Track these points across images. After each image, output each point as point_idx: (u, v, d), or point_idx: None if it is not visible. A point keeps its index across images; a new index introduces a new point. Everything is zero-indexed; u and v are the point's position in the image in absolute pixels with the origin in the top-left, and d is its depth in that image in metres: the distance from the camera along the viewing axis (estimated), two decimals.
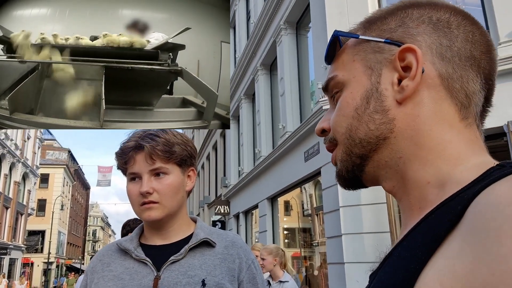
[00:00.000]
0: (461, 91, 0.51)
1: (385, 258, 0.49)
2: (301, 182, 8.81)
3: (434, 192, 0.48)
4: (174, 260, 1.09)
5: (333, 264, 6.80)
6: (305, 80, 9.16)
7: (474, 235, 0.35)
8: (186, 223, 1.20)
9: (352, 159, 0.55)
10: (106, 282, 1.09)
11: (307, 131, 7.79)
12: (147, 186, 1.10)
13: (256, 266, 1.18)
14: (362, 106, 0.54)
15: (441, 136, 0.50)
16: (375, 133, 0.53)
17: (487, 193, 0.38)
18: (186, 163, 1.18)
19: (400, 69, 0.52)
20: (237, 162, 14.02)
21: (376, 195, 5.98)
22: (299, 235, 10.38)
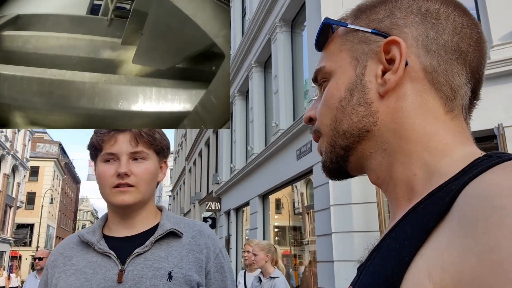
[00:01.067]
0: (446, 84, 0.51)
1: (374, 250, 0.49)
2: (292, 180, 8.82)
3: (421, 183, 0.47)
4: (139, 252, 1.05)
5: (323, 262, 6.82)
6: (299, 79, 9.17)
7: (462, 226, 0.35)
8: (153, 213, 1.17)
9: (336, 150, 0.55)
10: (68, 277, 1.04)
11: (299, 129, 7.80)
12: (125, 167, 1.06)
13: (224, 255, 1.16)
14: (346, 98, 0.54)
15: (425, 129, 0.50)
16: (358, 126, 0.53)
17: (475, 184, 0.38)
18: (163, 153, 1.16)
19: (384, 61, 0.52)
20: (229, 159, 14.01)
21: (367, 195, 6.00)
22: (290, 233, 10.39)
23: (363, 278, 0.47)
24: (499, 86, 4.94)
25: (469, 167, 0.43)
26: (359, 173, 0.58)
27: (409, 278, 0.38)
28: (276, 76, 9.53)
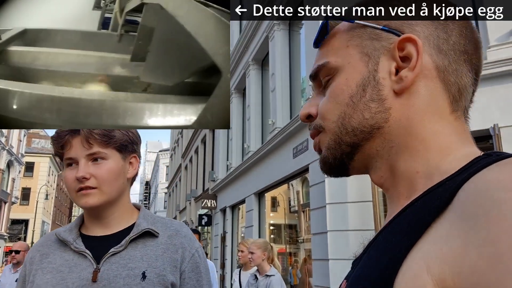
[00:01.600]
0: (455, 84, 0.51)
1: (369, 244, 0.49)
2: (288, 178, 8.84)
3: (422, 182, 0.48)
4: (114, 252, 1.06)
5: (318, 261, 6.85)
6: (296, 77, 9.17)
7: (462, 220, 0.35)
8: (128, 212, 1.16)
9: (342, 147, 0.54)
10: (44, 274, 1.05)
11: (296, 128, 7.81)
12: (83, 171, 1.05)
13: (200, 254, 1.15)
14: (358, 94, 0.53)
15: (432, 127, 0.50)
16: (370, 122, 0.52)
17: (475, 180, 0.39)
18: (127, 149, 1.13)
19: (398, 58, 0.52)
20: (225, 156, 14.00)
21: (362, 193, 6.04)
22: (285, 231, 10.42)
23: (358, 271, 0.47)
24: (495, 87, 4.96)
25: (469, 164, 0.43)
26: (360, 173, 0.57)
27: (405, 270, 0.38)
28: (273, 74, 9.53)
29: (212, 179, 14.92)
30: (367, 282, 0.43)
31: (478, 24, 5.60)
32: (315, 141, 0.59)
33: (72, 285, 1.02)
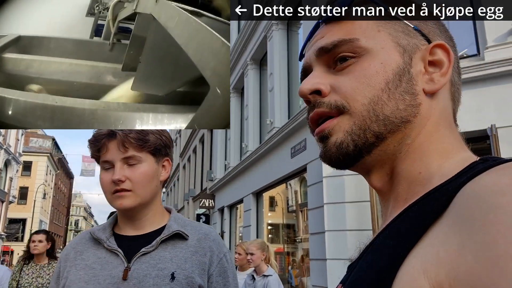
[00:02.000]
0: (457, 98, 0.56)
1: (366, 248, 0.49)
2: (286, 178, 8.84)
3: (423, 183, 0.48)
4: (145, 252, 1.09)
5: (315, 260, 6.86)
6: (294, 77, 9.17)
7: (459, 224, 0.36)
8: (160, 214, 1.19)
9: (367, 135, 0.50)
10: (77, 271, 1.09)
11: (294, 127, 7.81)
12: (119, 174, 1.09)
13: (228, 259, 1.17)
14: (394, 82, 0.50)
15: (443, 131, 0.52)
16: (402, 114, 0.50)
17: (473, 184, 0.39)
18: (160, 152, 1.17)
19: (427, 61, 0.53)
20: (223, 156, 14.00)
21: (360, 193, 6.04)
22: (283, 231, 10.43)
23: (354, 275, 0.47)
24: (492, 87, 4.98)
25: (466, 169, 0.44)
26: (362, 171, 0.54)
27: (402, 274, 0.38)
28: (271, 74, 9.52)
29: (210, 179, 14.91)
30: (364, 286, 0.43)
31: (476, 24, 5.60)
32: (328, 124, 0.52)
33: (103, 282, 1.05)
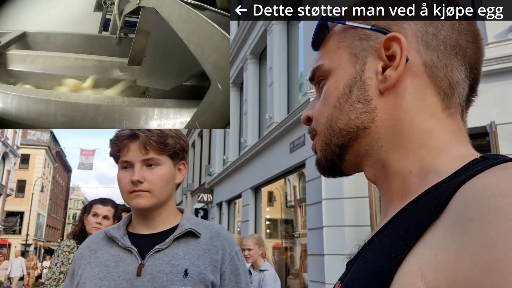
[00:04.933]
0: (445, 80, 0.51)
1: (365, 246, 0.49)
2: (285, 173, 8.85)
3: (416, 181, 0.47)
4: (158, 249, 1.11)
5: (313, 256, 6.88)
6: (294, 71, 9.15)
7: (457, 226, 0.35)
8: (173, 214, 1.22)
9: (331, 148, 0.55)
10: (92, 268, 1.12)
11: (293, 123, 7.80)
12: (138, 175, 1.11)
13: (240, 257, 1.20)
14: (344, 95, 0.53)
15: (423, 126, 0.50)
16: (356, 123, 0.52)
17: (471, 184, 0.38)
18: (178, 156, 1.20)
19: (385, 57, 0.51)
20: (222, 150, 14.00)
21: (359, 189, 6.05)
22: (281, 226, 10.46)
23: (352, 274, 0.46)
24: (493, 84, 4.97)
25: (466, 167, 0.43)
26: (355, 172, 0.58)
27: (400, 277, 0.37)
28: (271, 68, 9.50)
29: (208, 173, 14.92)
30: (362, 287, 0.42)
31: None
32: (312, 144, 0.59)
33: (117, 278, 1.08)
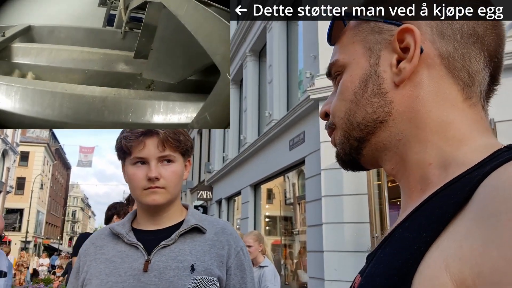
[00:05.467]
0: (463, 69, 0.49)
1: (385, 239, 0.48)
2: (285, 170, 8.86)
3: (436, 173, 0.47)
4: (164, 245, 1.12)
5: (313, 252, 6.90)
6: (293, 69, 9.15)
7: (483, 218, 0.34)
8: (178, 210, 1.23)
9: (350, 141, 0.55)
10: (98, 265, 1.12)
11: (293, 120, 7.81)
12: (156, 172, 1.12)
13: (245, 253, 1.21)
14: (360, 89, 0.53)
15: (442, 117, 0.49)
16: (373, 117, 0.52)
17: (497, 175, 0.37)
18: (188, 153, 1.22)
19: (399, 50, 0.51)
20: (221, 148, 14.00)
21: (358, 186, 6.07)
22: (280, 223, 10.47)
23: (372, 267, 0.46)
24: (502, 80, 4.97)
25: (490, 158, 0.42)
26: (374, 167, 0.58)
27: (423, 269, 0.37)
28: (270, 66, 9.49)
29: (208, 171, 14.92)
30: (383, 280, 0.41)
31: None
32: (332, 138, 0.60)
33: (124, 274, 1.08)
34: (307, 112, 7.24)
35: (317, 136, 6.67)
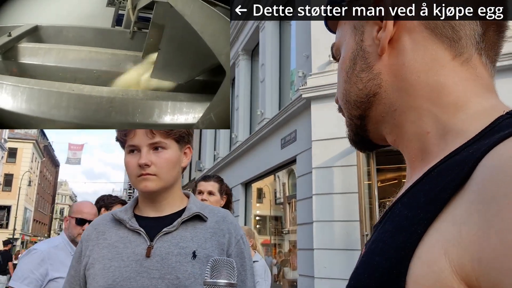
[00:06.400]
0: (445, 25, 0.47)
1: (386, 212, 0.47)
2: (276, 169, 8.89)
3: (435, 142, 0.46)
4: (166, 231, 1.13)
5: (303, 250, 6.95)
6: (286, 68, 9.18)
7: (483, 201, 0.33)
8: (179, 198, 1.24)
9: (354, 121, 0.56)
10: (100, 250, 1.13)
11: (285, 119, 7.85)
12: (145, 158, 1.12)
13: (245, 241, 1.23)
14: (350, 68, 0.54)
15: (432, 81, 0.47)
16: (364, 92, 0.52)
17: (496, 154, 0.35)
18: (183, 140, 1.22)
19: (378, 21, 0.50)
20: (213, 146, 13.99)
21: (348, 185, 6.13)
22: (270, 223, 10.51)
23: (373, 244, 0.44)
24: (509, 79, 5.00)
25: (490, 128, 0.40)
26: (384, 142, 0.56)
27: (422, 253, 0.36)
28: (263, 65, 9.52)
29: (198, 169, 14.90)
30: (382, 260, 0.40)
31: None
32: None
33: (127, 259, 1.09)
34: (299, 111, 7.28)
35: (308, 135, 6.71)
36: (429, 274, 0.35)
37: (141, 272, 1.07)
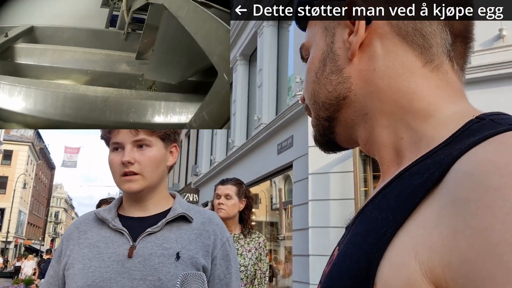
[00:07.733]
0: (416, 33, 0.48)
1: (359, 213, 0.47)
2: (272, 174, 8.89)
3: (409, 148, 0.46)
4: (150, 232, 1.11)
5: (298, 256, 6.93)
6: (283, 73, 9.21)
7: (453, 206, 0.33)
8: (165, 197, 1.22)
9: (321, 122, 0.55)
10: (81, 249, 1.11)
11: (281, 124, 7.86)
12: (129, 156, 1.10)
13: (231, 244, 1.21)
14: (320, 69, 0.53)
15: (403, 87, 0.47)
16: (334, 94, 0.52)
17: (468, 159, 0.36)
18: (169, 138, 1.19)
19: (350, 24, 0.50)
20: (209, 151, 13.98)
21: (345, 191, 6.13)
22: (266, 228, 10.49)
23: (345, 246, 0.44)
24: (478, 91, 5.08)
25: (460, 133, 0.40)
26: (351, 145, 0.57)
27: (391, 255, 0.36)
28: (260, 70, 9.55)
29: (195, 173, 14.88)
30: (352, 262, 0.40)
31: None
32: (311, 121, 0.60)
33: (108, 259, 1.06)
34: (295, 116, 7.29)
35: (305, 140, 6.72)
36: (399, 277, 0.35)
37: (122, 273, 1.04)
